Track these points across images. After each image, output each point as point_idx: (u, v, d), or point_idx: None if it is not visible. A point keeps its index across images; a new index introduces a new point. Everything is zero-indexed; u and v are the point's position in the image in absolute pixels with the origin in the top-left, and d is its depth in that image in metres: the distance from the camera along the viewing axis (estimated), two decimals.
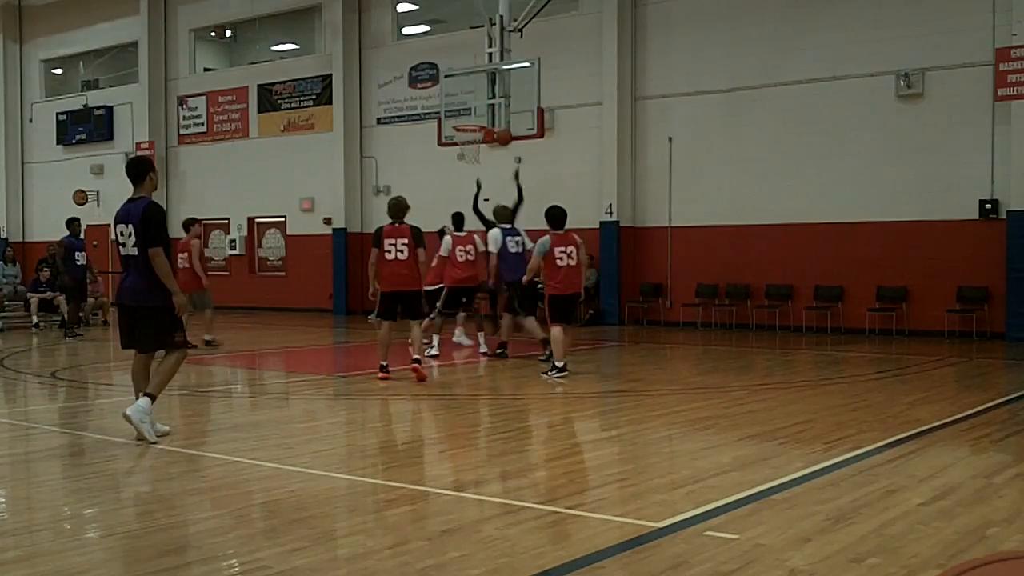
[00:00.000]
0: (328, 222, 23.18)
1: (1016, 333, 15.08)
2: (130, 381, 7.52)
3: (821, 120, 17.02)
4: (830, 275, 17.02)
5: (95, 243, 24.66)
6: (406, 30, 22.86)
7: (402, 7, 22.74)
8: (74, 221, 16.92)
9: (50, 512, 5.54)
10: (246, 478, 6.18)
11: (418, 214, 11.77)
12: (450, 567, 4.28)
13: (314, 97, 23.52)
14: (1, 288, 20.41)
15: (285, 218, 24.32)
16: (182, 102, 26.18)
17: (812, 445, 7.02)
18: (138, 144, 26.17)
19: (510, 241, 12.87)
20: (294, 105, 23.90)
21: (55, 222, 26.31)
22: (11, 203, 29.63)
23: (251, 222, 24.99)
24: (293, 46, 25.31)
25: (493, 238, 12.93)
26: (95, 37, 27.85)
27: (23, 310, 19.68)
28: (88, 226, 16.41)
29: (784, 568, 4.21)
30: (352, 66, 22.76)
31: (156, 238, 7.18)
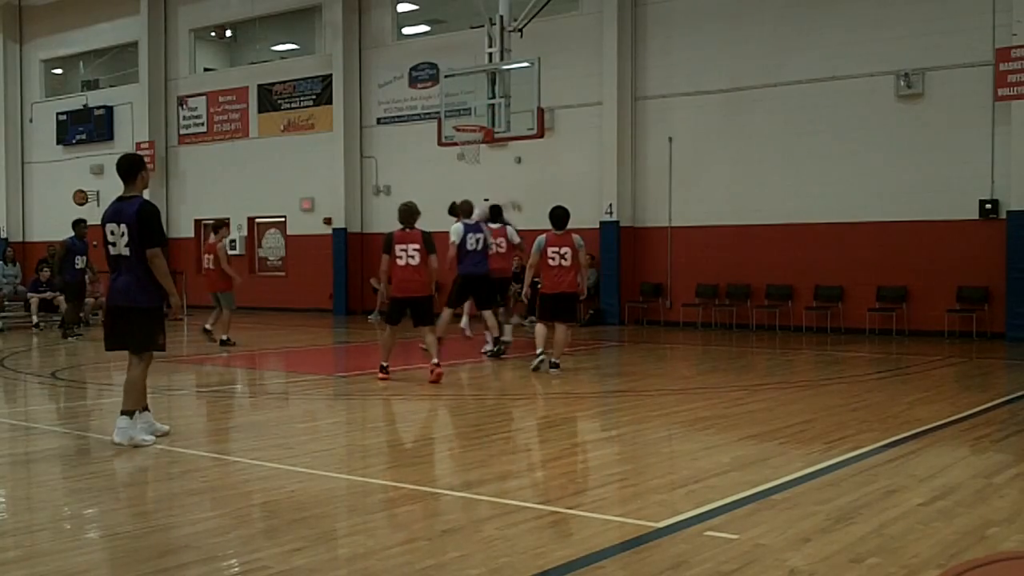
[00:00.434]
0: (328, 222, 23.18)
1: (1016, 333, 15.08)
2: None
3: (821, 120, 17.02)
4: (830, 275, 17.02)
5: (95, 243, 24.65)
6: (406, 30, 22.87)
7: (402, 7, 22.74)
8: (80, 223, 16.92)
9: (50, 512, 5.54)
10: (246, 478, 6.18)
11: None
12: (450, 567, 4.28)
13: (314, 97, 23.52)
14: (1, 288, 20.41)
15: (285, 218, 24.33)
16: (182, 102, 26.18)
17: (812, 445, 7.02)
18: (138, 144, 26.16)
19: (470, 238, 12.77)
20: (294, 105, 23.90)
21: (55, 222, 26.40)
22: (11, 203, 29.63)
23: (251, 222, 24.99)
24: (293, 46, 25.31)
25: (455, 231, 12.87)
26: (95, 37, 27.86)
27: (23, 310, 19.68)
28: (88, 226, 16.45)
29: (784, 568, 4.21)
30: (352, 66, 22.76)
31: (154, 239, 6.99)
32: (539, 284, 11.88)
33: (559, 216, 11.51)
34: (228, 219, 16.50)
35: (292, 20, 24.85)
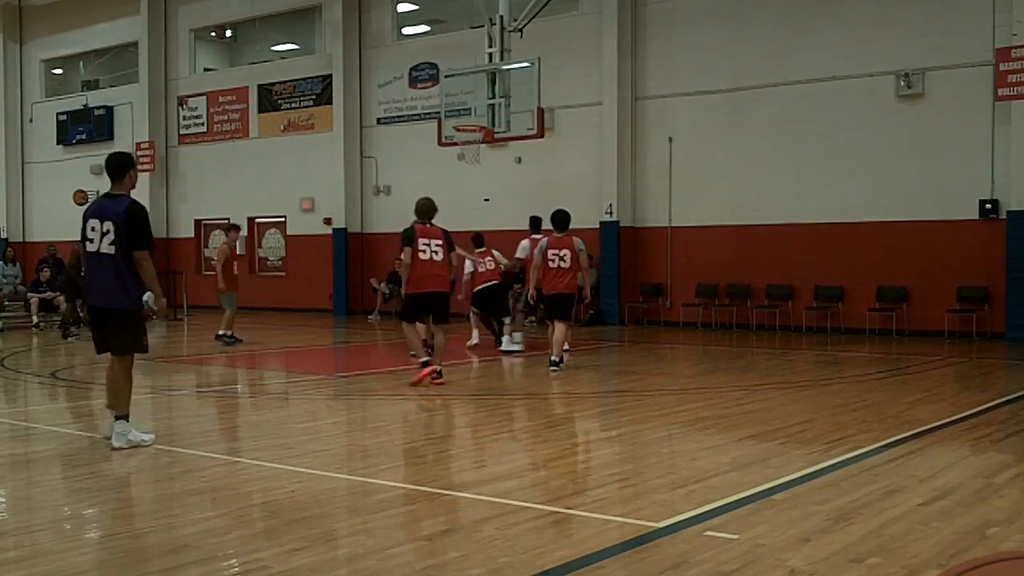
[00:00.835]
0: (328, 222, 23.18)
1: (1016, 333, 15.08)
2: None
3: (821, 120, 17.02)
4: (830, 275, 17.02)
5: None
6: (406, 30, 22.87)
7: (402, 7, 22.74)
8: None
9: (50, 512, 5.54)
10: (246, 478, 6.18)
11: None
12: (450, 567, 4.28)
13: (314, 97, 23.52)
14: (1, 288, 20.42)
15: (285, 218, 24.33)
16: (182, 102, 26.18)
17: (812, 445, 7.02)
18: (138, 144, 26.17)
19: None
20: (294, 105, 23.90)
21: (55, 222, 26.44)
22: (11, 203, 29.63)
23: (251, 222, 24.99)
24: (293, 46, 25.32)
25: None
26: (95, 37, 27.86)
27: (23, 310, 19.69)
28: None
29: (784, 568, 4.21)
30: (352, 66, 22.76)
31: (142, 240, 6.86)
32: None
33: (560, 219, 11.72)
34: (234, 223, 16.63)
35: (292, 20, 24.86)
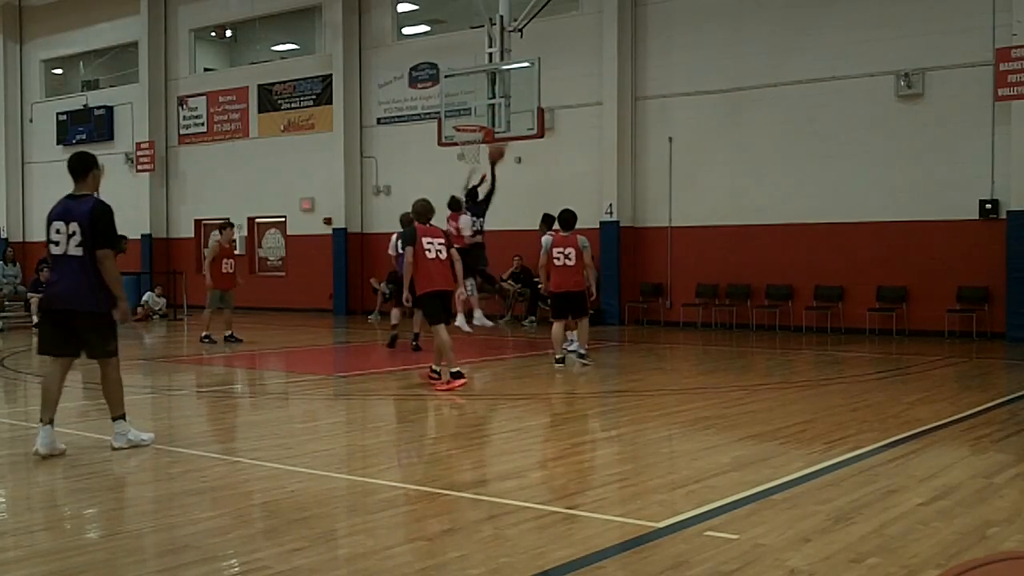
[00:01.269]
0: (328, 222, 23.18)
1: (1016, 333, 15.08)
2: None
3: (821, 120, 17.02)
4: (830, 275, 17.02)
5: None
6: (406, 30, 22.87)
7: (402, 7, 22.74)
8: (122, 238, 17.43)
9: (50, 512, 5.54)
10: (246, 478, 6.18)
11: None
12: (450, 567, 4.28)
13: (314, 97, 23.52)
14: (1, 288, 20.42)
15: (285, 218, 24.33)
16: (182, 102, 26.18)
17: (812, 445, 7.02)
18: (138, 144, 26.19)
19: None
20: (294, 105, 23.90)
21: None
22: (11, 203, 29.64)
23: (251, 222, 24.99)
24: (293, 46, 25.32)
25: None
26: (95, 37, 27.86)
27: (23, 310, 19.69)
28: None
29: (784, 568, 4.21)
30: (352, 66, 22.76)
31: (106, 239, 6.68)
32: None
33: (567, 218, 12.06)
34: (229, 221, 16.71)
35: (292, 20, 24.86)
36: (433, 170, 20.35)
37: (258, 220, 24.98)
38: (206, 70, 26.38)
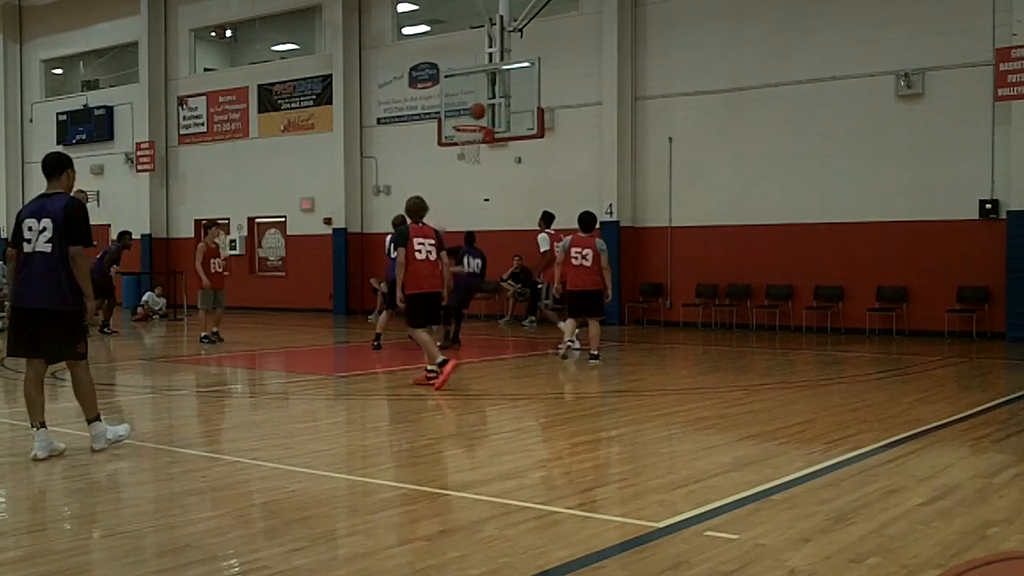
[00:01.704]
0: (328, 222, 23.19)
1: (1016, 333, 15.08)
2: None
3: (821, 120, 17.02)
4: (830, 275, 17.02)
5: (95, 243, 24.69)
6: (406, 30, 22.87)
7: (402, 7, 22.74)
8: (127, 234, 18.37)
9: (50, 512, 5.54)
10: (246, 478, 6.18)
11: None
12: (450, 567, 4.28)
13: (314, 97, 23.52)
14: (1, 288, 20.40)
15: (285, 218, 24.33)
16: (182, 102, 26.18)
17: (812, 445, 7.02)
18: (138, 144, 26.19)
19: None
20: (294, 105, 23.90)
21: None
22: (11, 203, 29.59)
23: (251, 222, 25.00)
24: (293, 46, 25.32)
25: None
26: (95, 37, 27.86)
27: None
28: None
29: (784, 568, 4.21)
30: (352, 66, 22.76)
31: (79, 236, 6.61)
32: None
33: (586, 220, 12.59)
34: (216, 221, 16.97)
35: (292, 20, 24.86)
36: (433, 170, 20.38)
37: (258, 220, 24.98)
38: (206, 70, 26.39)
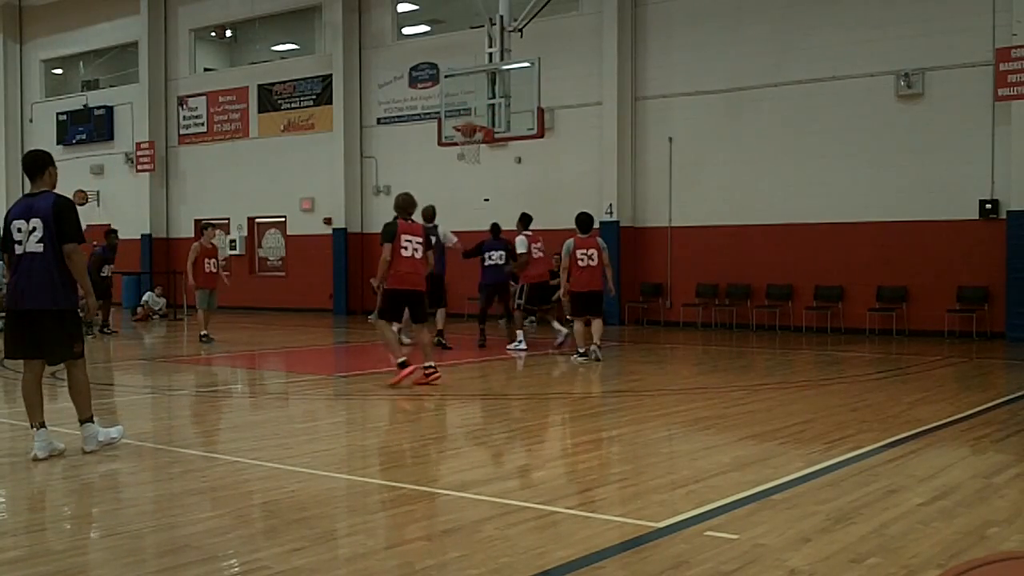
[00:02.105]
0: (328, 222, 23.19)
1: (1016, 333, 15.09)
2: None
3: (821, 120, 17.03)
4: (830, 275, 17.02)
5: (94, 243, 24.68)
6: (406, 30, 22.87)
7: (402, 7, 22.75)
8: (113, 232, 18.19)
9: (50, 512, 5.54)
10: (246, 478, 6.18)
11: (418, 214, 11.73)
12: (450, 567, 4.28)
13: (314, 97, 23.53)
14: (1, 288, 20.41)
15: (285, 218, 24.33)
16: (182, 102, 26.19)
17: (812, 445, 7.02)
18: (138, 144, 26.19)
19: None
20: (294, 105, 23.91)
21: None
22: (11, 203, 29.60)
23: (251, 222, 25.00)
24: (293, 46, 25.32)
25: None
26: (95, 37, 27.87)
27: None
28: (87, 226, 16.95)
29: (784, 568, 4.21)
30: (352, 66, 22.77)
31: (72, 234, 6.50)
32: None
33: (584, 221, 12.64)
34: (211, 222, 17.04)
35: (292, 20, 24.87)
36: (433, 170, 20.38)
37: (258, 220, 24.99)
38: (206, 70, 26.39)
